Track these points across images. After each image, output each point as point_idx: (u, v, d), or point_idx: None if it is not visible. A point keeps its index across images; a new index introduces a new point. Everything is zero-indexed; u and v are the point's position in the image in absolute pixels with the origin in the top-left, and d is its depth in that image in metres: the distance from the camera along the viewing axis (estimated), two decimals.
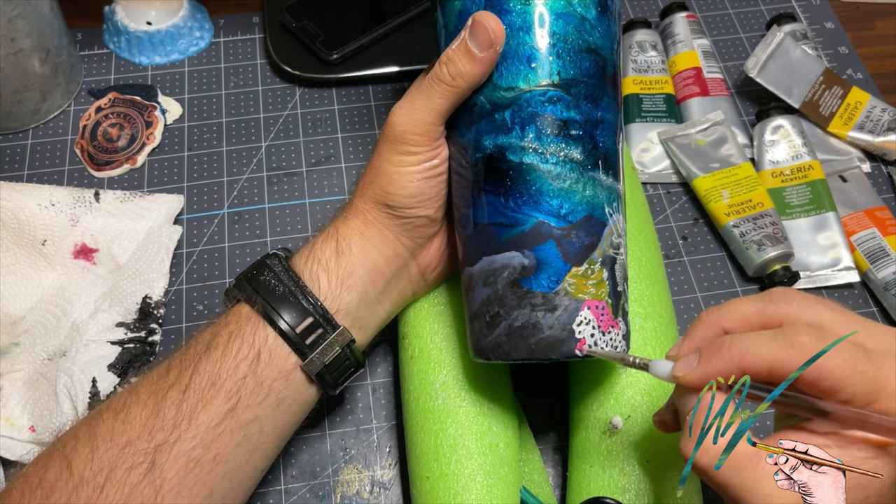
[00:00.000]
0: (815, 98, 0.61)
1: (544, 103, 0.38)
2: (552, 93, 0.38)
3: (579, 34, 0.38)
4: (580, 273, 0.38)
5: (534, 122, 0.38)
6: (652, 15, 0.70)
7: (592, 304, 0.38)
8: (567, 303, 0.38)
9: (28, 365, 0.49)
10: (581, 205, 0.38)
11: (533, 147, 0.38)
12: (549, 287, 0.38)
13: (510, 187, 0.38)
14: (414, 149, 0.40)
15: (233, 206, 0.59)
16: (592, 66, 0.39)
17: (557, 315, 0.38)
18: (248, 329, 0.39)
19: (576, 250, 0.38)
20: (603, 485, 0.42)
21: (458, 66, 0.38)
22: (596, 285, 0.38)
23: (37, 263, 0.53)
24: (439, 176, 0.41)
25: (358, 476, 0.48)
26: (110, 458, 0.35)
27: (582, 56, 0.38)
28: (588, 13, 0.38)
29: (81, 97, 0.64)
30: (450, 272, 0.47)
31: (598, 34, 0.39)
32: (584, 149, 0.38)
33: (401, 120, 0.40)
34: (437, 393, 0.44)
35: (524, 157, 0.38)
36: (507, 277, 0.38)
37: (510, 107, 0.38)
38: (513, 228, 0.38)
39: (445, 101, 0.39)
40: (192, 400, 0.37)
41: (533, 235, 0.38)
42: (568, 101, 0.38)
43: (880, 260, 0.55)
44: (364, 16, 0.66)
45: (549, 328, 0.38)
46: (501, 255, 0.39)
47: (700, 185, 0.58)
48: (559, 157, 0.38)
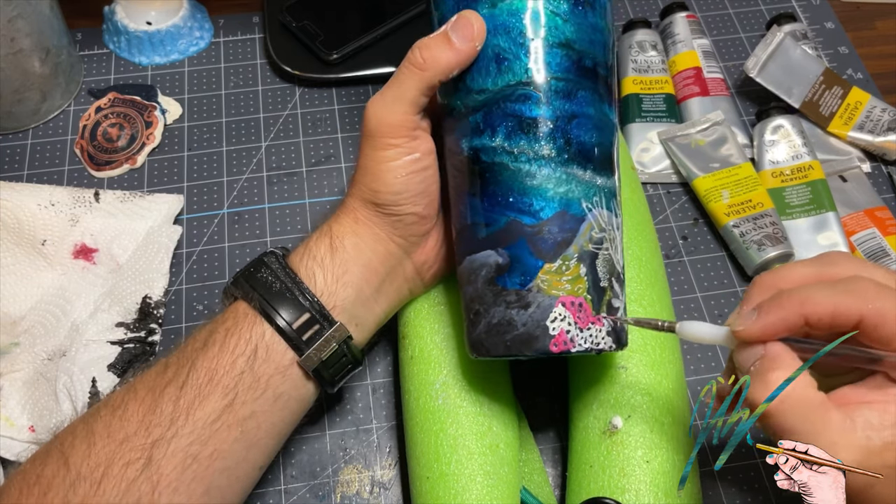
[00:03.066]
0: (815, 98, 0.61)
1: (512, 103, 0.38)
2: (520, 91, 0.38)
3: (548, 30, 0.38)
4: (553, 269, 0.38)
5: (503, 122, 0.38)
6: (652, 15, 0.70)
7: (568, 300, 0.38)
8: (540, 299, 0.38)
9: (28, 365, 0.49)
10: (553, 201, 0.38)
11: (502, 147, 0.38)
12: (521, 284, 0.38)
13: (484, 188, 0.39)
14: (391, 141, 0.40)
15: (233, 206, 0.59)
16: (565, 60, 0.38)
17: (531, 312, 0.38)
18: (246, 325, 0.39)
19: (548, 246, 0.38)
20: (603, 485, 0.42)
21: (433, 51, 0.39)
22: (572, 281, 0.38)
23: (37, 263, 0.53)
24: (424, 171, 0.41)
25: (358, 476, 0.48)
26: (107, 455, 0.35)
27: (552, 52, 0.38)
28: (558, 7, 0.38)
29: (81, 97, 0.64)
30: (447, 271, 0.47)
31: (571, 28, 0.39)
32: (555, 145, 0.38)
33: (374, 112, 0.40)
34: (437, 393, 0.44)
35: (495, 158, 0.39)
36: (484, 276, 0.39)
37: (481, 109, 0.39)
38: (488, 227, 0.39)
39: (415, 88, 0.39)
40: (190, 396, 0.37)
41: (505, 234, 0.38)
42: (536, 99, 0.38)
43: (880, 260, 0.55)
44: (364, 16, 0.66)
45: (523, 325, 0.38)
46: (480, 254, 0.39)
47: (700, 185, 0.58)
48: (528, 154, 0.38)
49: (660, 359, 0.44)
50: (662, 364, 0.44)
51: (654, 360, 0.44)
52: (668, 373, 0.44)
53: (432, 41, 0.39)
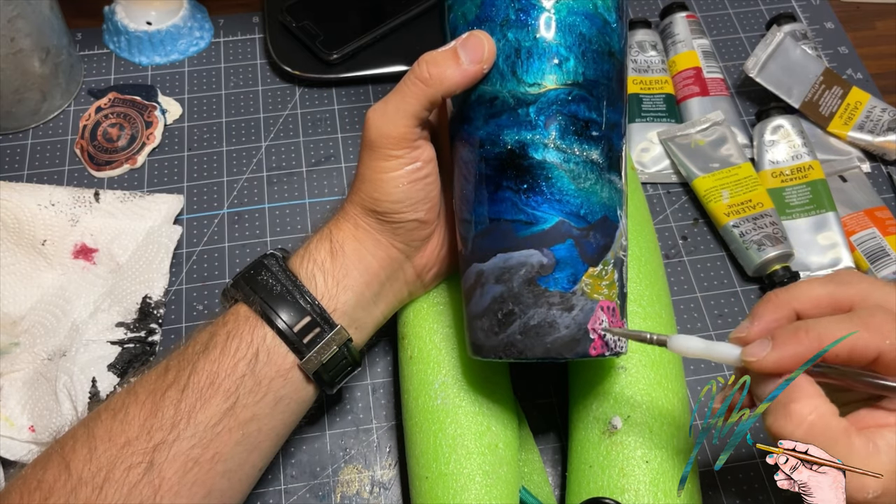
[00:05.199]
0: (815, 98, 0.61)
1: (569, 102, 0.38)
2: (577, 92, 0.38)
3: (601, 37, 0.38)
4: (596, 273, 0.38)
5: (558, 119, 0.38)
6: (652, 15, 0.70)
7: (605, 304, 0.38)
8: (583, 303, 0.38)
9: (28, 365, 0.49)
10: (598, 206, 0.38)
11: (556, 145, 0.38)
12: (567, 286, 0.38)
13: (531, 184, 0.38)
14: (392, 152, 0.39)
15: (233, 206, 0.59)
16: (612, 69, 0.39)
17: (574, 314, 0.38)
18: (247, 328, 0.39)
19: (593, 251, 0.38)
20: (602, 485, 0.42)
21: (440, 68, 0.38)
22: (609, 286, 0.38)
23: (37, 263, 0.53)
24: (425, 178, 0.41)
25: (358, 476, 0.48)
26: (109, 459, 0.35)
27: (603, 58, 0.38)
28: (610, 16, 0.39)
29: (81, 97, 0.64)
30: (447, 272, 0.47)
31: (616, 38, 0.39)
32: (602, 150, 0.38)
33: (375, 123, 0.39)
34: (437, 393, 0.44)
35: (547, 155, 0.38)
36: (523, 275, 0.38)
37: (535, 103, 0.38)
38: (532, 226, 0.38)
39: (418, 103, 0.38)
40: (191, 399, 0.37)
41: (553, 234, 0.38)
42: (591, 102, 0.38)
43: (880, 260, 0.55)
44: (364, 16, 0.66)
45: (566, 328, 0.38)
46: (518, 253, 0.38)
47: (700, 185, 0.58)
48: (581, 157, 0.38)
49: (659, 359, 0.44)
50: (662, 364, 0.44)
51: (654, 361, 0.44)
52: (667, 373, 0.44)
53: (440, 57, 0.38)
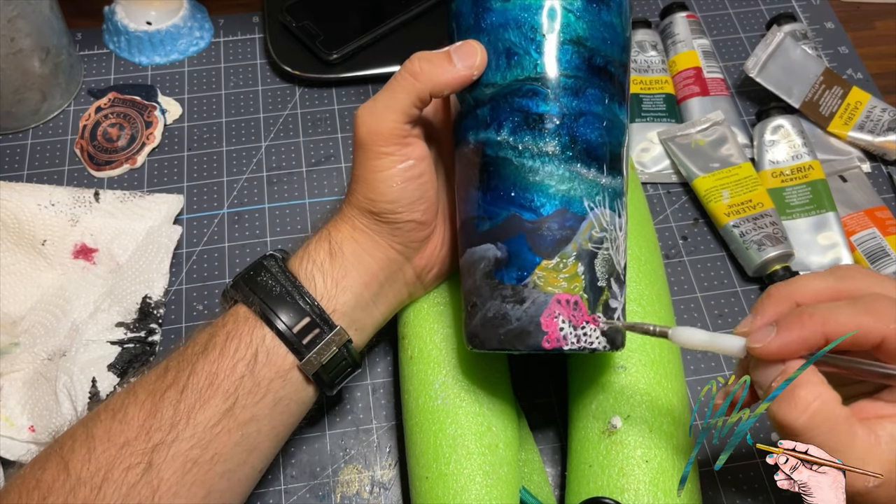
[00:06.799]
0: (815, 98, 0.61)
1: (519, 98, 0.38)
2: (528, 87, 0.38)
3: (560, 26, 0.38)
4: (551, 266, 0.38)
5: (509, 116, 0.38)
6: (652, 15, 0.70)
7: (563, 297, 0.38)
8: (535, 296, 0.38)
9: (28, 365, 0.49)
10: (555, 198, 0.38)
11: (507, 141, 0.38)
12: (518, 279, 0.38)
13: (486, 182, 0.39)
14: (383, 150, 0.40)
15: (233, 206, 0.59)
16: (575, 57, 0.38)
17: (525, 307, 0.38)
18: (246, 329, 0.39)
19: (547, 243, 0.38)
20: (602, 485, 0.42)
21: (432, 64, 0.39)
22: (568, 279, 0.38)
23: (36, 263, 0.53)
24: (420, 177, 0.41)
25: (358, 476, 0.48)
26: (107, 459, 0.35)
27: (563, 48, 0.38)
28: (571, 4, 0.38)
29: (81, 97, 0.64)
30: (448, 273, 0.47)
31: (583, 25, 0.38)
32: (559, 142, 0.38)
33: (364, 120, 0.40)
34: (437, 393, 0.44)
35: (499, 152, 0.39)
36: (483, 269, 0.39)
37: (489, 102, 0.39)
38: (488, 221, 0.39)
39: (407, 99, 0.39)
40: (190, 400, 0.37)
41: (505, 228, 0.39)
42: (544, 95, 0.38)
43: (880, 260, 0.55)
44: (364, 16, 0.66)
45: (517, 320, 0.38)
46: (480, 247, 0.40)
47: (700, 185, 0.58)
48: (532, 150, 0.38)
49: (659, 358, 0.44)
50: (662, 364, 0.44)
51: (654, 360, 0.44)
52: (667, 372, 0.44)
53: (433, 55, 0.39)
